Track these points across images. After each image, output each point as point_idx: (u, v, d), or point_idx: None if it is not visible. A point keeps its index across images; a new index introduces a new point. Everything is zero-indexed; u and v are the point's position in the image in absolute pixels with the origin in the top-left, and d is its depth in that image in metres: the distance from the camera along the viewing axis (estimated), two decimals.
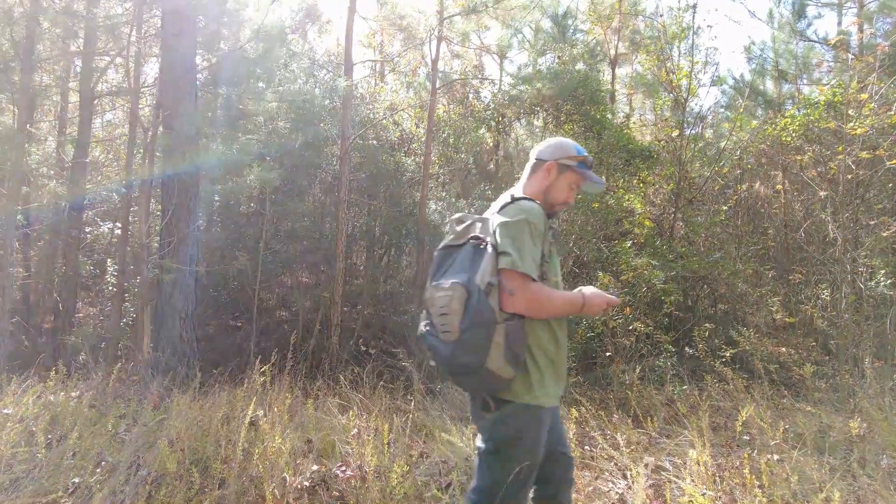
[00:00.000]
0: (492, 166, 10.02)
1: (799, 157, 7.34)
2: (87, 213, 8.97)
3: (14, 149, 6.12)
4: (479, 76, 11.43)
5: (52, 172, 8.65)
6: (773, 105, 9.62)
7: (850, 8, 9.86)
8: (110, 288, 8.50)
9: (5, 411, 3.61)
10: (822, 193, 6.69)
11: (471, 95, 10.62)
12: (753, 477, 2.92)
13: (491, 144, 10.18)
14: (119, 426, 3.80)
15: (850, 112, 6.18)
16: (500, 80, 11.15)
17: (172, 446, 3.18)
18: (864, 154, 5.87)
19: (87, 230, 8.56)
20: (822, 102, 6.80)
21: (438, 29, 8.95)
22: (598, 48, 10.82)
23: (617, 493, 3.12)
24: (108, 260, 9.03)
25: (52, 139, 9.61)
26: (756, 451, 3.47)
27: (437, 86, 9.26)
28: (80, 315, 8.50)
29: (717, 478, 3.09)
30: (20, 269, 7.72)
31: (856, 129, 5.77)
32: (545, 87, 8.73)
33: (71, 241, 7.65)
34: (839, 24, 10.16)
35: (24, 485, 2.99)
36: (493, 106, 9.66)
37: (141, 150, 6.84)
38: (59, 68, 8.68)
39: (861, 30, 8.43)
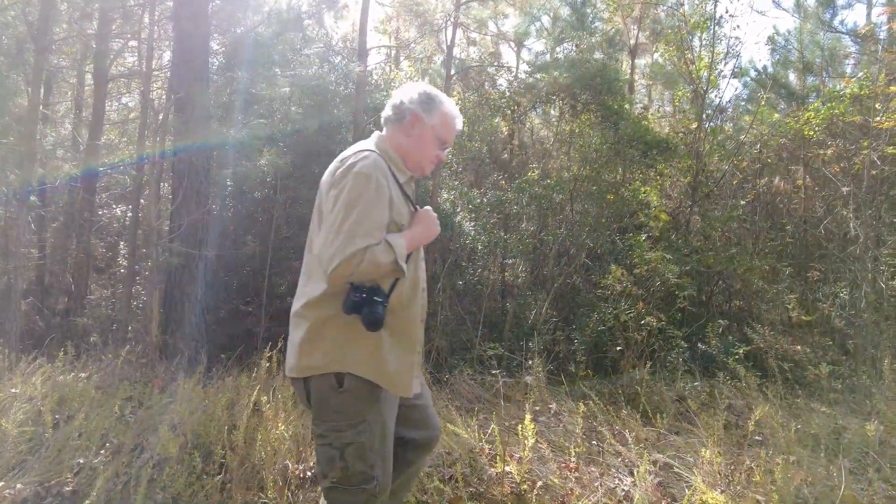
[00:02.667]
0: (506, 155, 9.91)
1: (821, 152, 7.16)
2: (101, 195, 9.03)
3: (27, 130, 6.15)
4: (496, 64, 11.29)
5: (69, 154, 8.71)
6: (796, 98, 9.38)
7: None
8: (122, 271, 8.56)
9: (13, 391, 3.63)
10: (844, 189, 6.52)
11: (486, 83, 10.49)
12: (766, 478, 2.85)
13: (506, 133, 10.06)
14: (125, 408, 3.82)
15: (877, 105, 6.00)
16: (517, 69, 11.00)
17: (175, 430, 3.17)
18: (890, 149, 5.70)
19: (100, 213, 8.61)
20: (849, 95, 6.60)
21: (455, 15, 8.83)
22: (618, 37, 10.61)
23: (623, 489, 3.06)
24: (122, 243, 9.10)
25: (69, 121, 9.66)
26: (769, 452, 3.38)
27: (453, 73, 9.15)
28: (94, 297, 8.58)
29: (729, 478, 3.02)
30: (33, 251, 7.78)
31: (883, 123, 5.60)
32: (562, 75, 8.58)
33: (84, 223, 7.70)
34: (868, 14, 9.88)
35: (29, 464, 3.00)
36: (508, 94, 9.53)
37: (151, 133, 6.84)
38: (76, 51, 8.71)
39: (890, 20, 8.15)
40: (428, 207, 1.98)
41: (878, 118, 5.75)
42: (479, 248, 8.40)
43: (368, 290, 1.72)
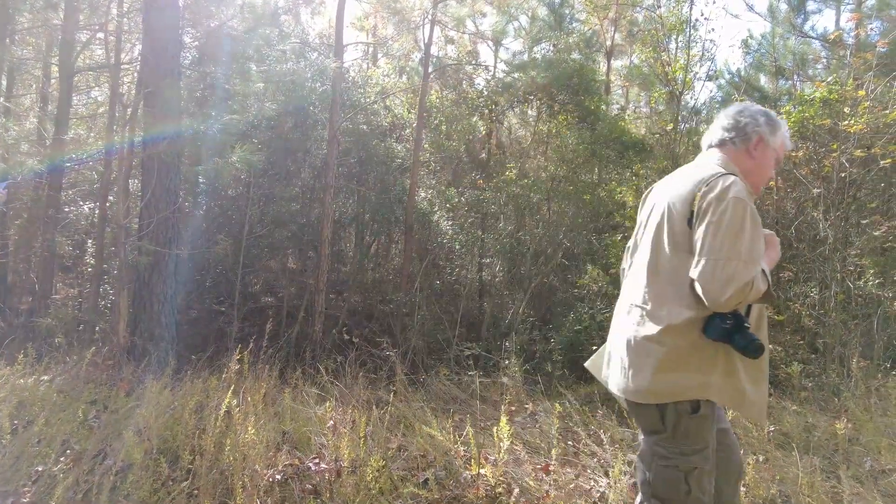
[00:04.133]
0: (484, 155, 9.89)
1: (793, 154, 7.27)
2: (68, 191, 8.76)
3: None
4: (474, 62, 11.27)
5: (33, 149, 8.42)
6: (769, 101, 9.54)
7: (849, 4, 9.78)
8: (89, 269, 8.33)
9: None
10: (814, 191, 6.63)
11: (464, 82, 10.46)
12: None
13: (483, 132, 10.04)
14: (89, 413, 3.68)
15: (845, 109, 6.11)
16: (495, 68, 10.99)
17: (141, 435, 3.06)
18: (858, 152, 5.81)
19: (66, 209, 8.36)
20: (819, 99, 6.72)
21: (433, 12, 8.78)
22: (595, 38, 10.68)
23: (599, 490, 3.05)
24: (89, 240, 8.84)
25: (34, 115, 9.35)
26: (741, 451, 3.41)
27: (430, 71, 9.10)
28: (59, 296, 8.32)
29: None
30: None
31: (851, 127, 5.70)
32: (540, 75, 8.60)
33: (49, 220, 7.45)
34: (837, 20, 10.09)
35: None
36: (486, 93, 9.51)
37: (120, 128, 6.64)
38: (41, 42, 8.43)
39: (858, 27, 8.34)
40: (772, 231, 1.98)
41: (846, 122, 5.86)
42: (457, 247, 8.38)
43: (734, 316, 1.71)
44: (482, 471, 2.93)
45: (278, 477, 2.86)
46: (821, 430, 3.85)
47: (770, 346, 5.62)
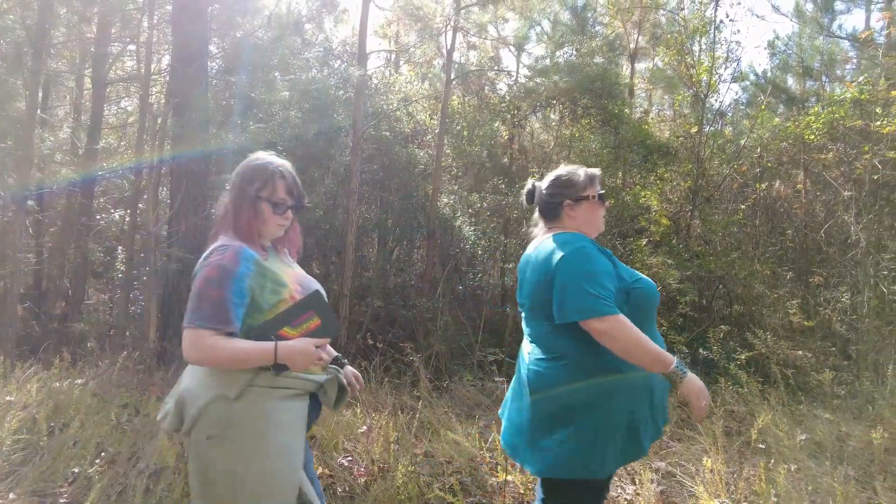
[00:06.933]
0: (506, 160, 9.88)
1: (822, 156, 7.14)
2: (99, 200, 8.99)
3: (25, 133, 6.12)
4: (496, 68, 11.28)
5: (67, 159, 8.67)
6: (795, 102, 9.37)
7: (878, 3, 9.57)
8: (120, 276, 8.52)
9: (8, 398, 3.59)
10: (845, 194, 6.49)
11: (486, 87, 10.47)
12: (769, 486, 2.81)
13: (506, 137, 10.04)
14: (121, 416, 3.77)
15: (877, 110, 5.98)
16: (517, 73, 10.99)
17: (172, 439, 3.12)
18: (891, 154, 5.68)
19: (98, 217, 8.58)
20: (849, 100, 6.59)
21: (455, 19, 8.82)
22: (618, 42, 10.61)
23: (626, 498, 3.02)
24: (120, 248, 9.05)
25: (67, 125, 9.63)
26: (772, 460, 3.34)
27: (452, 77, 9.14)
28: (91, 302, 8.53)
29: (732, 486, 2.98)
30: (31, 256, 7.75)
31: (884, 128, 5.58)
32: (562, 80, 8.57)
33: (81, 227, 7.66)
34: (867, 20, 9.87)
35: (23, 473, 2.96)
36: (508, 98, 9.52)
37: (150, 138, 6.81)
38: (75, 55, 8.68)
39: (890, 25, 8.14)
40: None
41: (878, 122, 5.74)
42: (479, 252, 8.37)
43: None
44: (509, 478, 2.92)
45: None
46: (855, 440, 3.75)
47: (800, 352, 5.52)
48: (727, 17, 7.49)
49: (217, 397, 1.56)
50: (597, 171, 2.06)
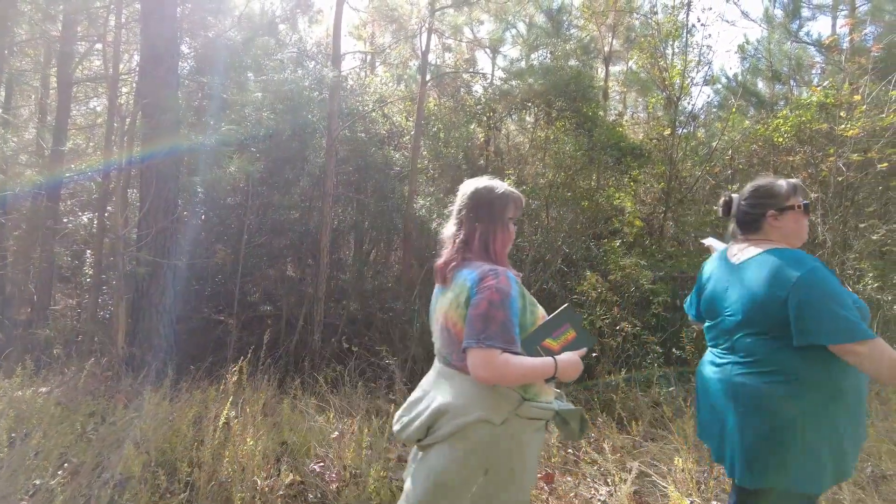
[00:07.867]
0: (482, 162, 9.90)
1: (790, 159, 7.29)
2: (66, 202, 8.77)
3: None
4: (471, 70, 11.30)
5: (32, 160, 8.43)
6: (765, 105, 9.57)
7: (843, 11, 9.83)
8: (87, 280, 8.31)
9: None
10: (812, 195, 6.64)
11: (462, 89, 10.49)
12: None
13: (481, 140, 10.06)
14: (87, 425, 3.66)
15: (841, 114, 6.13)
16: (492, 75, 11.03)
17: (139, 447, 3.05)
18: (855, 156, 5.83)
19: (65, 220, 8.36)
20: (815, 104, 6.75)
21: (430, 21, 8.81)
22: (592, 45, 10.72)
23: (600, 499, 3.04)
24: (87, 251, 8.83)
25: (32, 126, 9.37)
26: None
27: (428, 79, 9.12)
28: (58, 307, 8.30)
29: (703, 485, 3.02)
30: None
31: (847, 131, 5.72)
32: (537, 82, 8.63)
33: (47, 231, 7.45)
34: (833, 26, 10.13)
35: None
36: (484, 100, 9.54)
37: (118, 139, 6.65)
38: (39, 53, 8.46)
39: (852, 31, 8.38)
40: None
41: (843, 126, 5.88)
42: None
43: None
44: None
45: (280, 493, 2.84)
46: None
47: None
48: (699, 21, 7.66)
49: (480, 420, 1.64)
50: (798, 180, 2.04)
